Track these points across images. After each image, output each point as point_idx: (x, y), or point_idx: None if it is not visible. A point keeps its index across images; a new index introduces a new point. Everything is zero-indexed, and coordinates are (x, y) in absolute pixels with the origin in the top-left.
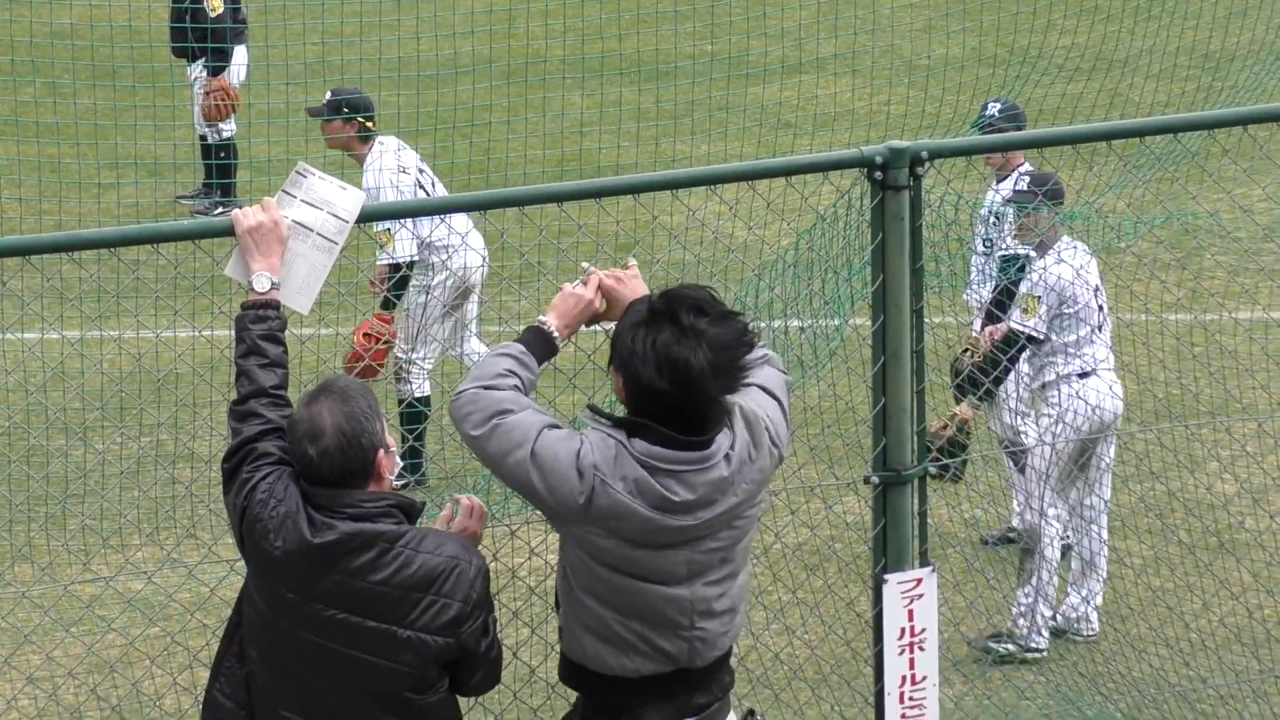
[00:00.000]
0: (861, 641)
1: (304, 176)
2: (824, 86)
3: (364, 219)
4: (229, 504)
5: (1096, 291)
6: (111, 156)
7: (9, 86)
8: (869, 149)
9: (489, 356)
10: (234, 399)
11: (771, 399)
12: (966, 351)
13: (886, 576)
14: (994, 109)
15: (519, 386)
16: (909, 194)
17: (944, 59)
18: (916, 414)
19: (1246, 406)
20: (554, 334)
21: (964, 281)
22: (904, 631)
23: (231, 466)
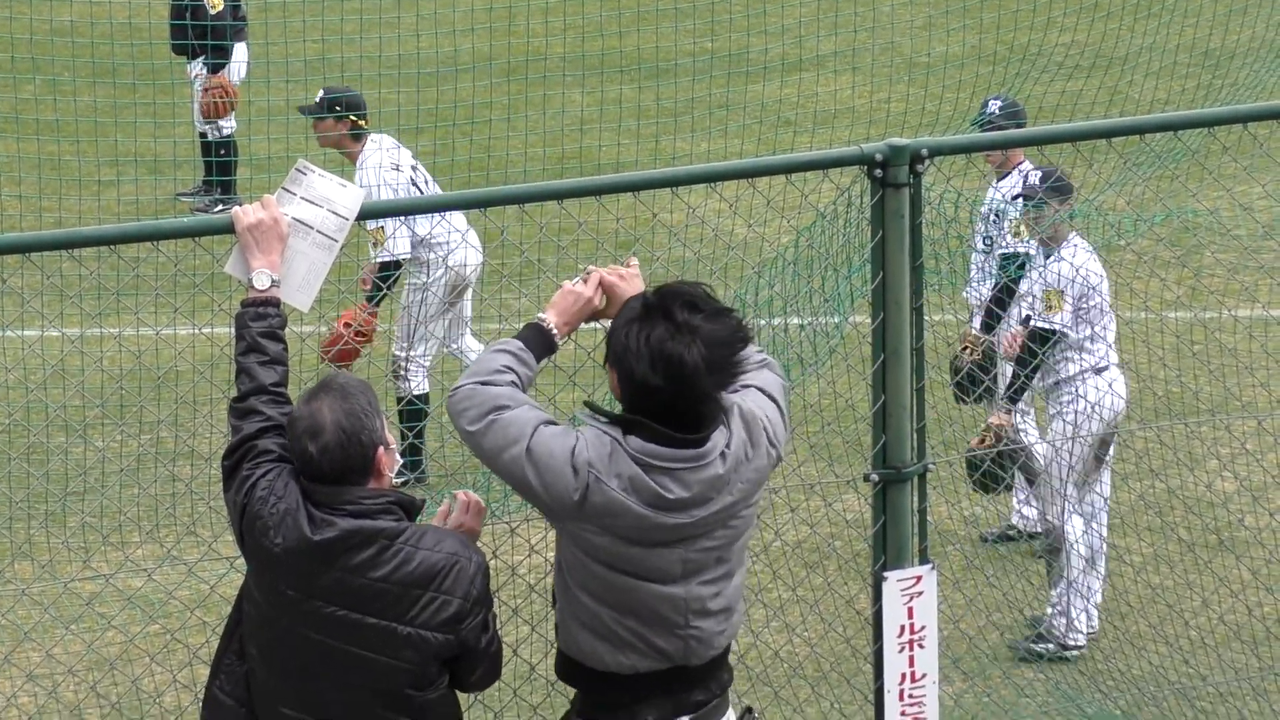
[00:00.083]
0: (861, 639)
1: (304, 174)
2: (824, 84)
3: (364, 216)
4: (229, 501)
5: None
6: (111, 154)
7: (9, 84)
8: (869, 146)
9: (487, 352)
10: (234, 396)
11: (770, 401)
12: (966, 349)
13: (886, 574)
14: (994, 106)
15: (516, 383)
16: (909, 191)
17: (944, 56)
18: (916, 411)
19: (1246, 404)
20: (553, 331)
21: (964, 279)
22: (904, 629)
23: (231, 464)
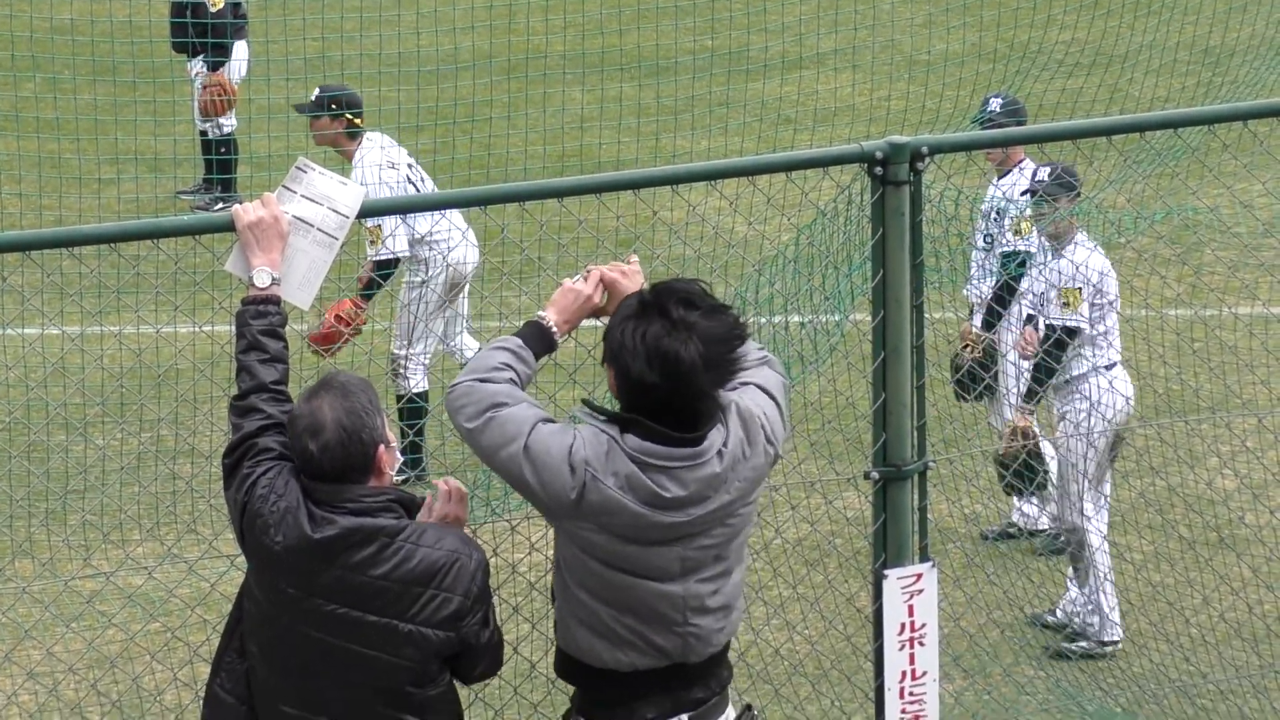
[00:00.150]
0: (862, 637)
1: (304, 172)
2: (824, 82)
3: (364, 214)
4: (229, 499)
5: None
6: (111, 152)
7: (9, 82)
8: (869, 144)
9: (486, 349)
10: (234, 394)
11: (769, 398)
12: (966, 347)
13: (887, 572)
14: (994, 104)
15: (515, 380)
16: (909, 189)
17: (944, 54)
18: (917, 409)
19: (1246, 402)
20: (553, 329)
21: (964, 277)
22: (904, 627)
23: (232, 462)
